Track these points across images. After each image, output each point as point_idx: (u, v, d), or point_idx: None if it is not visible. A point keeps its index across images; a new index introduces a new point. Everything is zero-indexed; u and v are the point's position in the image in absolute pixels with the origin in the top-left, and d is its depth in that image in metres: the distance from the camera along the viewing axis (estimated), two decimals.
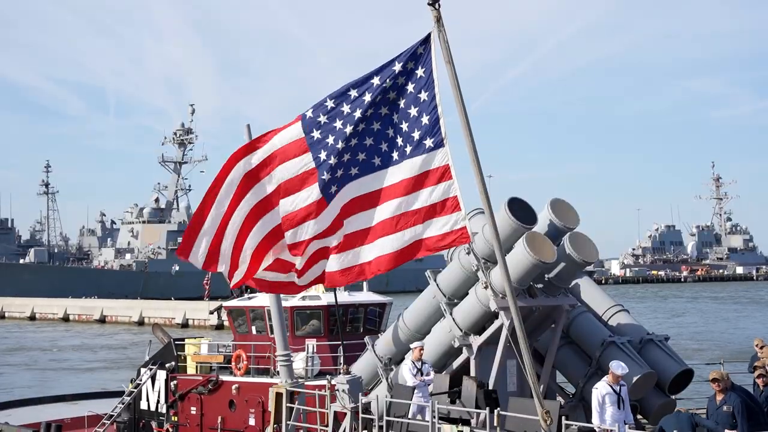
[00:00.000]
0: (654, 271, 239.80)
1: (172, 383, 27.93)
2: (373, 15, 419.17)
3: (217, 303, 39.04)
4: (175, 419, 27.83)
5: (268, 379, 24.83)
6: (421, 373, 17.81)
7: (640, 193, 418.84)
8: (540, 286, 18.15)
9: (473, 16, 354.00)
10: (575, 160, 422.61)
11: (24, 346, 79.15)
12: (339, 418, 18.42)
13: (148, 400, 28.72)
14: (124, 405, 28.60)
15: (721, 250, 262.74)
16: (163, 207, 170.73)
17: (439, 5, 14.78)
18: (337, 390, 17.94)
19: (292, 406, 19.79)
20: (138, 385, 28.74)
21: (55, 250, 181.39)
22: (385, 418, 17.15)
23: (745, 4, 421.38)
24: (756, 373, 16.66)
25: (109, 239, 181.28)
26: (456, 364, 18.75)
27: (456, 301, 18.62)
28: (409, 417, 17.34)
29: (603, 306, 19.47)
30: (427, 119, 15.11)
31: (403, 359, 19.56)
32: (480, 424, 16.09)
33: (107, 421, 27.98)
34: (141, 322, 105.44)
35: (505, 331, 17.26)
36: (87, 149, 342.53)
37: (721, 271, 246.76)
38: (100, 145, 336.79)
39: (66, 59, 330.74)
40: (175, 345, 28.53)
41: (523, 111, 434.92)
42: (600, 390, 14.98)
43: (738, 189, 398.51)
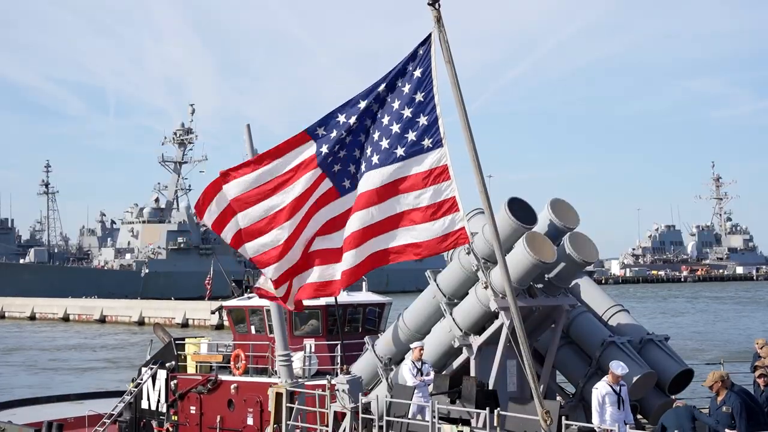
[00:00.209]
0: (654, 271, 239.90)
1: (172, 383, 27.96)
2: (373, 15, 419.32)
3: (217, 303, 39.04)
4: (175, 418, 27.84)
5: (267, 379, 24.84)
6: (421, 373, 17.80)
7: (640, 193, 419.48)
8: (540, 286, 18.15)
9: (473, 16, 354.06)
10: (575, 160, 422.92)
11: (24, 346, 79.15)
12: (339, 418, 18.42)
13: (148, 399, 28.77)
14: (124, 404, 28.66)
15: (721, 250, 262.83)
16: (163, 207, 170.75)
17: (439, 5, 14.78)
18: (337, 390, 17.94)
19: (292, 406, 19.78)
20: (138, 385, 28.79)
21: (55, 250, 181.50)
22: (385, 418, 17.15)
23: (745, 4, 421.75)
24: (757, 372, 16.67)
25: (109, 239, 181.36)
26: (456, 364, 18.75)
27: (456, 301, 18.61)
28: (409, 417, 17.34)
29: (603, 306, 19.47)
30: (426, 119, 15.10)
31: (403, 359, 19.55)
32: (480, 424, 16.10)
33: (107, 420, 28.02)
34: (141, 322, 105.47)
35: (505, 331, 17.25)
36: (87, 149, 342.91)
37: (721, 271, 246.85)
38: (100, 145, 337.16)
39: (66, 59, 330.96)
40: (176, 344, 28.56)
41: (523, 111, 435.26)
42: (600, 390, 14.98)
43: (738, 189, 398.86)
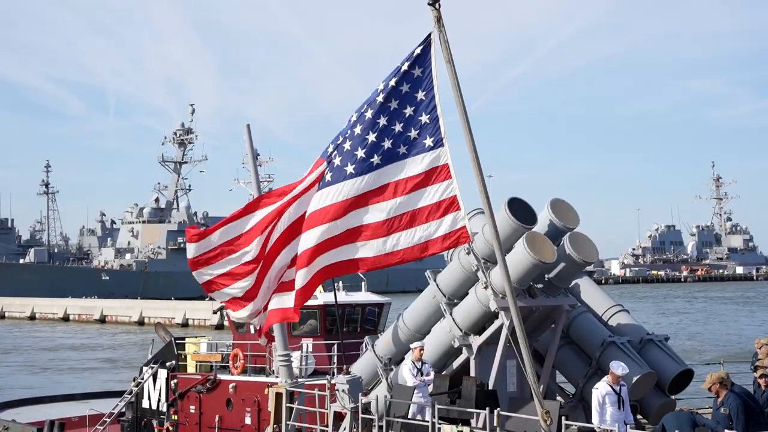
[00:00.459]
0: (654, 271, 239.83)
1: (172, 382, 28.02)
2: (373, 15, 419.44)
3: (219, 303, 38.98)
4: (175, 418, 27.88)
5: (264, 378, 24.94)
6: (421, 373, 17.80)
7: (640, 193, 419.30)
8: (540, 286, 18.15)
9: (473, 16, 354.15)
10: (575, 160, 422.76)
11: (24, 346, 79.15)
12: (339, 418, 18.42)
13: (149, 398, 28.85)
14: (125, 403, 28.73)
15: (721, 250, 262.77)
16: (163, 207, 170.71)
17: (439, 5, 14.77)
18: (337, 390, 17.94)
19: (292, 406, 19.78)
20: (139, 384, 28.86)
21: (55, 250, 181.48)
22: (385, 418, 17.15)
23: (745, 4, 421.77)
24: (758, 372, 16.67)
25: (109, 239, 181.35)
26: (456, 364, 18.75)
27: (456, 301, 18.60)
28: (409, 417, 17.34)
29: (603, 306, 19.47)
30: (427, 118, 15.11)
31: (402, 359, 19.55)
32: (480, 424, 16.09)
33: (108, 419, 28.08)
34: (141, 322, 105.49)
35: (505, 331, 17.25)
36: (87, 149, 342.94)
37: (721, 271, 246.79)
38: (100, 145, 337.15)
39: (66, 59, 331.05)
40: (176, 344, 28.61)
41: (523, 111, 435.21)
42: (600, 390, 14.98)
43: (738, 189, 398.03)
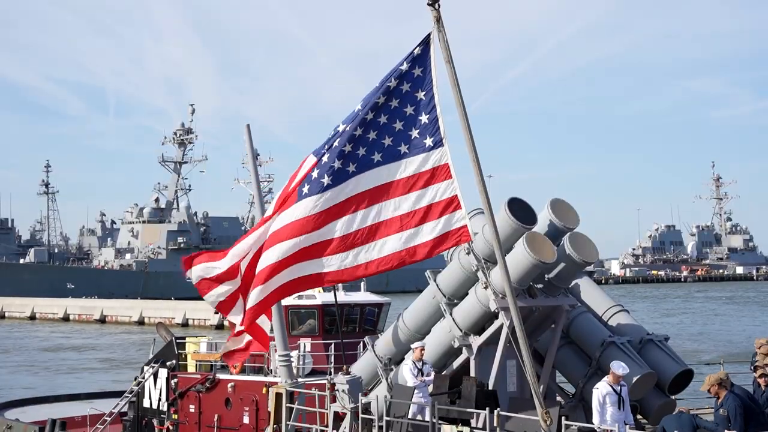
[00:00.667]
0: (654, 271, 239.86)
1: (172, 381, 28.07)
2: (373, 15, 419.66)
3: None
4: (176, 417, 27.91)
5: (262, 378, 25.00)
6: (422, 374, 17.79)
7: (640, 193, 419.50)
8: (540, 286, 18.14)
9: (473, 16, 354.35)
10: (575, 160, 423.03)
11: (24, 346, 79.14)
12: (339, 418, 18.41)
13: (150, 397, 28.92)
14: (125, 402, 28.78)
15: (721, 250, 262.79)
16: (163, 207, 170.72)
17: (439, 5, 14.76)
18: (337, 390, 17.94)
19: (292, 406, 19.78)
20: (140, 383, 28.94)
21: (55, 250, 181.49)
22: (384, 418, 17.14)
23: (745, 4, 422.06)
24: (758, 372, 16.66)
25: (109, 239, 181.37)
26: (456, 364, 18.75)
27: (456, 301, 18.60)
28: (410, 417, 17.34)
29: (603, 306, 19.47)
30: (427, 118, 15.10)
31: (402, 359, 19.55)
32: (480, 424, 16.09)
33: (108, 418, 28.14)
34: (141, 322, 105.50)
35: (505, 331, 17.25)
36: (87, 149, 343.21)
37: (721, 271, 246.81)
38: (100, 145, 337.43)
39: (66, 59, 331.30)
40: (177, 343, 28.64)
41: (523, 111, 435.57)
42: (601, 390, 14.97)
43: (738, 189, 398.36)
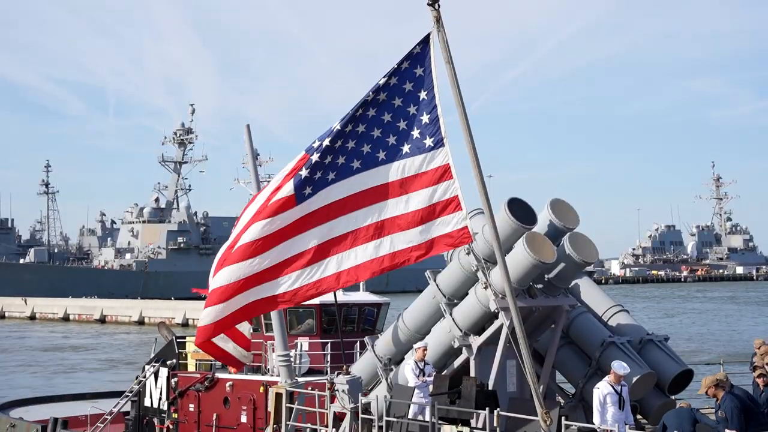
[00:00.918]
0: (654, 271, 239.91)
1: (173, 380, 28.13)
2: (373, 15, 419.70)
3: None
4: (176, 416, 27.96)
5: (260, 377, 25.07)
6: (424, 374, 17.79)
7: (640, 193, 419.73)
8: (540, 286, 18.14)
9: (473, 16, 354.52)
10: (575, 160, 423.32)
11: (24, 346, 79.16)
12: (339, 418, 18.42)
13: (151, 397, 29.00)
14: (125, 401, 28.84)
15: (721, 250, 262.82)
16: (163, 207, 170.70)
17: (439, 5, 14.75)
18: (337, 390, 17.94)
19: (292, 406, 19.79)
20: (140, 382, 29.01)
21: (55, 250, 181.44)
22: (384, 418, 17.15)
23: (745, 4, 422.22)
24: (756, 373, 16.67)
25: (109, 239, 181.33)
26: (456, 364, 18.75)
27: (456, 301, 18.60)
28: (410, 417, 17.35)
29: (603, 306, 19.46)
30: (428, 118, 15.09)
31: (402, 359, 19.55)
32: (480, 425, 16.09)
33: (108, 417, 28.21)
34: (141, 322, 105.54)
35: (504, 332, 17.25)
36: (87, 149, 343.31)
37: (721, 271, 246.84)
38: (100, 145, 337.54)
39: (66, 59, 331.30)
40: (177, 343, 28.69)
41: (523, 111, 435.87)
42: (601, 390, 14.96)
43: (738, 189, 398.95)
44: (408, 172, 15.19)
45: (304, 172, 15.41)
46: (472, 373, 17.90)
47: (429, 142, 15.07)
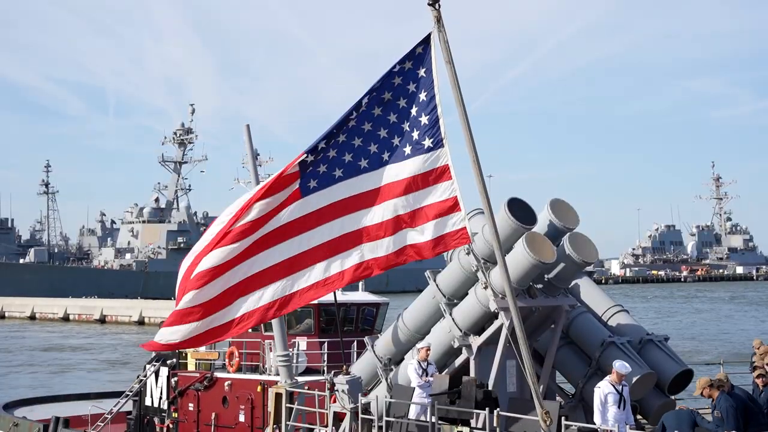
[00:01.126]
0: (654, 271, 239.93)
1: (173, 380, 28.17)
2: (373, 15, 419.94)
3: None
4: (176, 415, 27.99)
5: (257, 376, 25.09)
6: (427, 374, 17.78)
7: (640, 193, 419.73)
8: (540, 286, 18.15)
9: (473, 16, 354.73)
10: (575, 160, 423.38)
11: (24, 346, 79.15)
12: (339, 418, 18.42)
13: (152, 396, 29.06)
14: (126, 401, 28.89)
15: (721, 250, 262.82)
16: (163, 207, 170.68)
17: (439, 5, 14.76)
18: (337, 390, 17.94)
19: (292, 406, 19.78)
20: (141, 381, 29.06)
21: (55, 250, 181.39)
22: (384, 418, 17.15)
23: (745, 4, 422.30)
24: (756, 373, 16.67)
25: (109, 239, 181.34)
26: (456, 364, 18.74)
27: (456, 301, 18.61)
28: (414, 417, 17.35)
29: (603, 306, 19.47)
30: (427, 119, 15.09)
31: (402, 360, 19.56)
32: (480, 425, 16.09)
33: (109, 416, 28.27)
34: (141, 322, 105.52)
35: (504, 332, 17.25)
36: (87, 149, 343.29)
37: (721, 271, 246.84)
38: (100, 145, 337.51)
39: (66, 59, 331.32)
40: None
41: (523, 111, 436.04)
42: (603, 389, 14.93)
43: (738, 189, 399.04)
44: (408, 173, 15.19)
45: (309, 160, 15.36)
46: (472, 373, 17.91)
47: (428, 142, 15.06)
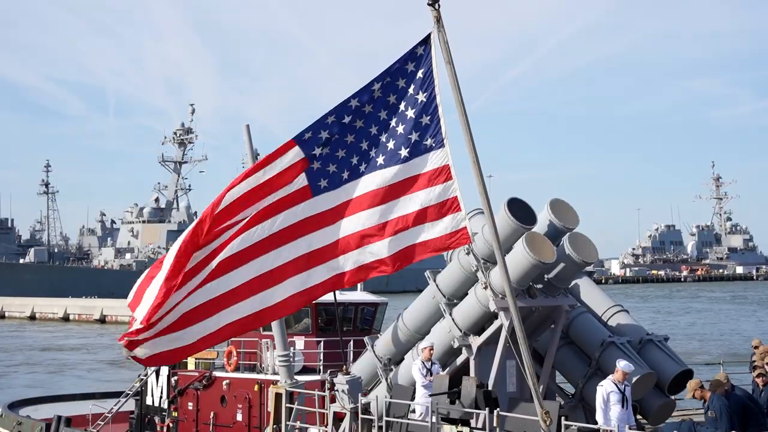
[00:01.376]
0: (654, 271, 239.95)
1: (173, 379, 28.23)
2: (373, 15, 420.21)
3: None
4: (175, 414, 28.04)
5: (255, 375, 25.13)
6: (431, 374, 17.78)
7: (640, 193, 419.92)
8: (539, 286, 18.14)
9: (473, 16, 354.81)
10: (575, 160, 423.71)
11: (24, 346, 79.17)
12: (339, 418, 18.42)
13: (152, 395, 29.13)
14: (126, 400, 28.96)
15: (721, 250, 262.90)
16: (163, 207, 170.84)
17: (439, 5, 14.75)
18: (337, 390, 17.94)
19: (292, 406, 19.79)
20: (142, 381, 29.13)
21: (55, 250, 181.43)
22: (384, 418, 17.15)
23: (745, 4, 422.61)
24: (755, 372, 16.69)
25: (109, 239, 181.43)
26: (456, 364, 18.74)
27: (455, 301, 18.60)
28: (418, 417, 17.35)
29: (602, 306, 19.46)
30: (427, 119, 15.08)
31: (402, 360, 19.56)
32: (480, 425, 16.09)
33: (109, 415, 28.33)
34: None
35: (504, 332, 17.25)
36: (87, 149, 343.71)
37: (721, 270, 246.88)
38: (100, 145, 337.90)
39: (66, 59, 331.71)
40: None
41: (523, 111, 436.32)
42: (605, 388, 14.92)
43: (738, 189, 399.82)
44: (407, 174, 15.17)
45: (316, 164, 15.31)
46: (472, 373, 17.90)
47: (429, 143, 15.06)
